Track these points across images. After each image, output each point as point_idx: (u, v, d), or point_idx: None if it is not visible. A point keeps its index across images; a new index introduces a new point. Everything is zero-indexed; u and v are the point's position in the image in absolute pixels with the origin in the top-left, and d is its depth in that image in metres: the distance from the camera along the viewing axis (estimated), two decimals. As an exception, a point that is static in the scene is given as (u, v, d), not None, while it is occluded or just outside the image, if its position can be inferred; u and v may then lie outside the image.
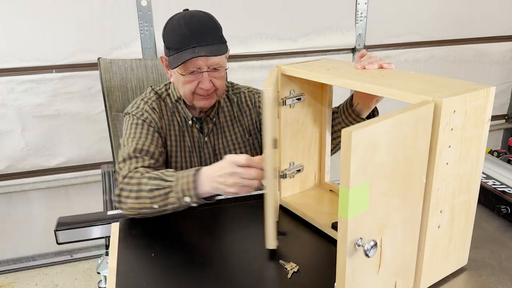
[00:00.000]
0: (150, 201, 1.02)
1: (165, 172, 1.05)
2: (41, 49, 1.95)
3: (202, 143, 1.31)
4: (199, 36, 1.13)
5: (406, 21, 2.43)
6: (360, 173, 0.63)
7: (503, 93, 2.76)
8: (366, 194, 0.65)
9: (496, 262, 0.91)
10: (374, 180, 0.66)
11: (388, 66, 0.95)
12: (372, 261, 0.71)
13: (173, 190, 1.01)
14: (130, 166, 1.11)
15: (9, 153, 2.07)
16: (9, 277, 2.27)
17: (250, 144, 1.37)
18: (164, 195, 1.01)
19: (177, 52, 1.15)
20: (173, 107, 1.28)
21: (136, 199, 1.04)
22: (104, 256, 1.40)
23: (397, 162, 0.68)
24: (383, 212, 0.69)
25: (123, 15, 2.00)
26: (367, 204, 0.66)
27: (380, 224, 0.70)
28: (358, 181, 0.63)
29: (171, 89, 1.30)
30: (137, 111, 1.23)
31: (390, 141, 0.66)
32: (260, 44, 2.22)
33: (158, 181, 1.02)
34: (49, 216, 2.25)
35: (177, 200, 1.01)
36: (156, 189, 1.02)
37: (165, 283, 0.88)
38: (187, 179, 1.00)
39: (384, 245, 0.71)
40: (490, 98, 0.78)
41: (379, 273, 0.74)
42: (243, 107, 1.35)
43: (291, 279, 0.88)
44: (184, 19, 1.15)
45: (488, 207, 1.12)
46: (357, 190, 0.64)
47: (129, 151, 1.14)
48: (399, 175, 0.70)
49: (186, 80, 1.18)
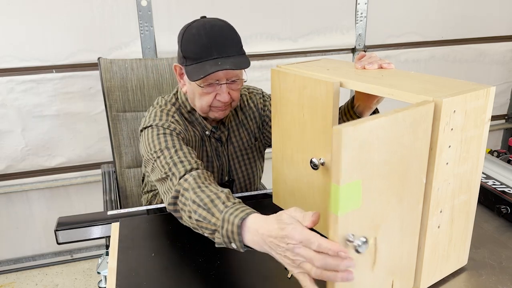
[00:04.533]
0: (200, 228, 0.91)
1: (216, 201, 0.88)
2: (41, 49, 1.95)
3: (219, 151, 1.29)
4: (221, 47, 1.08)
5: (406, 21, 2.43)
6: (352, 170, 0.63)
7: (503, 93, 2.76)
8: (359, 192, 0.65)
9: (496, 262, 0.91)
10: (368, 178, 0.66)
11: (388, 66, 0.96)
12: (365, 258, 0.71)
13: (219, 232, 0.85)
14: (179, 172, 0.99)
15: (9, 153, 2.07)
16: (9, 277, 2.27)
17: (256, 148, 1.36)
18: (211, 231, 0.87)
19: (196, 62, 1.09)
20: (189, 117, 1.23)
21: (189, 219, 0.93)
22: (104, 256, 1.40)
23: (393, 160, 0.68)
24: (378, 210, 0.69)
25: (123, 15, 2.00)
26: (359, 201, 0.66)
27: (375, 221, 0.70)
28: (350, 178, 0.63)
29: (181, 99, 1.23)
30: (163, 123, 1.14)
31: (385, 140, 0.66)
32: (260, 44, 2.22)
33: (205, 213, 0.88)
34: (49, 216, 2.25)
35: (223, 243, 0.85)
36: (203, 222, 0.88)
37: (165, 283, 0.88)
38: (232, 227, 0.81)
39: (379, 243, 0.71)
40: (490, 98, 0.78)
41: (374, 271, 0.73)
42: (247, 110, 1.33)
43: (291, 279, 0.88)
44: (204, 28, 1.09)
45: (488, 207, 1.12)
46: (348, 187, 0.63)
47: (173, 159, 1.02)
48: (396, 174, 0.70)
49: (204, 92, 1.13)
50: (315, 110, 0.93)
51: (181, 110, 1.23)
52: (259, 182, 1.43)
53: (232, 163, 1.32)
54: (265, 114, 1.33)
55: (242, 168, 1.34)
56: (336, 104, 0.88)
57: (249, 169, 1.35)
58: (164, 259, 0.96)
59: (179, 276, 0.90)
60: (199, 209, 0.89)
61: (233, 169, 1.32)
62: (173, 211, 0.98)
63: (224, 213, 0.84)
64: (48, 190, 2.21)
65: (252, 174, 1.36)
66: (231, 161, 1.31)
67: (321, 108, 0.91)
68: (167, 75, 1.67)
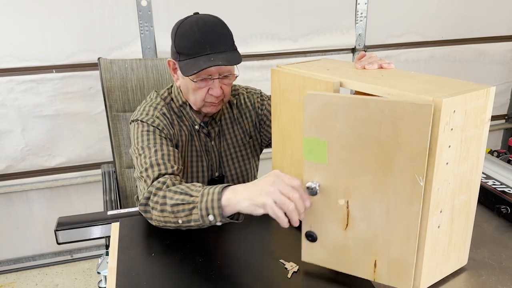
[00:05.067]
0: (174, 216, 0.96)
1: (191, 186, 0.98)
2: (41, 49, 1.95)
3: (209, 147, 1.30)
4: (214, 43, 1.11)
5: (406, 21, 2.43)
6: (314, 129, 0.81)
7: (503, 93, 2.76)
8: (323, 149, 0.81)
9: (496, 262, 0.91)
10: (332, 143, 0.80)
11: (388, 66, 0.96)
12: (338, 215, 0.84)
13: (197, 207, 0.92)
14: (153, 174, 1.06)
15: (9, 153, 2.07)
16: (9, 277, 2.27)
17: (250, 146, 1.37)
18: (188, 210, 0.94)
19: (189, 58, 1.12)
20: (179, 112, 1.26)
21: (161, 212, 0.98)
22: (104, 256, 1.40)
23: (363, 141, 0.77)
24: (346, 177, 0.81)
25: (123, 15, 2.00)
26: (325, 159, 0.82)
27: (344, 186, 0.82)
28: (312, 134, 0.81)
29: (174, 94, 1.27)
30: (148, 118, 1.19)
31: (349, 117, 0.77)
32: (260, 44, 2.22)
33: (183, 196, 0.96)
34: (49, 216, 2.25)
35: (200, 218, 0.92)
36: (181, 204, 0.95)
37: (165, 283, 0.88)
38: (212, 196, 0.90)
39: (351, 209, 0.83)
40: (490, 98, 0.78)
41: (347, 236, 0.84)
42: (243, 109, 1.34)
43: (291, 279, 0.88)
44: (197, 24, 1.12)
45: (488, 207, 1.12)
46: (311, 141, 0.82)
47: (151, 159, 1.09)
48: (369, 157, 0.77)
49: (197, 86, 1.16)
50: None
51: (172, 104, 1.26)
52: None
53: (226, 159, 1.33)
54: (263, 113, 1.34)
55: (236, 165, 1.34)
56: None
57: (242, 166, 1.36)
58: (164, 259, 0.96)
59: (179, 276, 0.90)
60: (176, 195, 0.96)
61: (226, 165, 1.33)
62: (143, 211, 1.04)
63: (203, 189, 0.94)
64: (48, 190, 2.21)
65: (245, 172, 1.37)
66: (224, 157, 1.32)
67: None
68: (167, 75, 1.67)
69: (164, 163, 1.09)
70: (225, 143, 1.32)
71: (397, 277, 0.82)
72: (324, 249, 0.88)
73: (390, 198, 0.78)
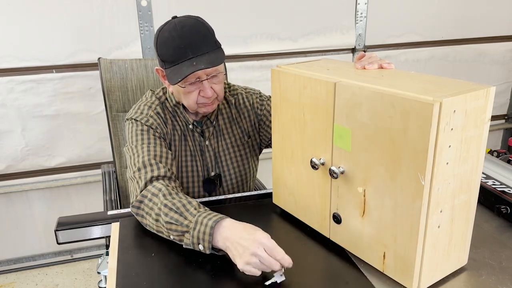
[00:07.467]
0: (167, 230, 0.98)
1: (187, 205, 0.98)
2: (41, 49, 1.95)
3: (203, 146, 1.30)
4: (195, 46, 1.11)
5: (406, 21, 2.43)
6: (342, 116, 0.87)
7: (503, 93, 2.76)
8: (348, 138, 0.86)
9: (496, 262, 0.91)
10: (356, 131, 0.84)
11: (388, 66, 0.96)
12: (354, 197, 0.89)
13: (189, 232, 0.94)
14: (146, 175, 1.07)
15: (9, 153, 2.07)
16: (9, 277, 2.27)
17: (249, 146, 1.37)
18: (181, 232, 0.96)
19: (173, 65, 1.12)
20: (173, 111, 1.27)
21: (155, 222, 1.00)
22: (104, 256, 1.40)
23: (379, 133, 0.80)
24: (365, 166, 0.85)
25: (123, 15, 2.00)
26: (349, 146, 0.87)
27: (363, 175, 0.86)
28: (340, 121, 0.87)
29: (168, 93, 1.28)
30: (142, 117, 1.21)
31: (369, 109, 0.80)
32: (260, 44, 2.22)
33: (177, 216, 0.96)
34: (49, 216, 2.25)
35: (191, 244, 0.94)
36: (174, 224, 0.96)
37: (165, 283, 0.88)
38: (205, 228, 0.92)
39: (368, 197, 0.86)
40: (490, 98, 0.78)
41: (364, 224, 0.88)
42: (241, 108, 1.34)
43: (291, 279, 0.88)
44: (176, 30, 1.11)
45: (488, 207, 1.12)
46: (340, 129, 0.88)
47: (143, 159, 1.10)
48: (383, 150, 0.80)
49: (187, 91, 1.17)
50: (315, 110, 0.93)
51: (166, 103, 1.27)
52: (253, 181, 1.43)
53: (224, 158, 1.33)
54: (262, 113, 1.34)
55: (234, 165, 1.34)
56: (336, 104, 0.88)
57: (240, 166, 1.35)
58: (164, 259, 0.96)
59: (179, 276, 0.90)
60: (171, 212, 0.97)
61: (224, 164, 1.33)
62: (135, 213, 1.06)
63: (197, 216, 0.94)
64: (48, 190, 2.21)
65: (244, 171, 1.37)
66: (222, 157, 1.32)
67: (321, 108, 0.91)
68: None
69: (156, 163, 1.10)
70: (223, 142, 1.32)
71: (401, 272, 0.82)
72: (347, 232, 0.94)
73: (397, 193, 0.79)
